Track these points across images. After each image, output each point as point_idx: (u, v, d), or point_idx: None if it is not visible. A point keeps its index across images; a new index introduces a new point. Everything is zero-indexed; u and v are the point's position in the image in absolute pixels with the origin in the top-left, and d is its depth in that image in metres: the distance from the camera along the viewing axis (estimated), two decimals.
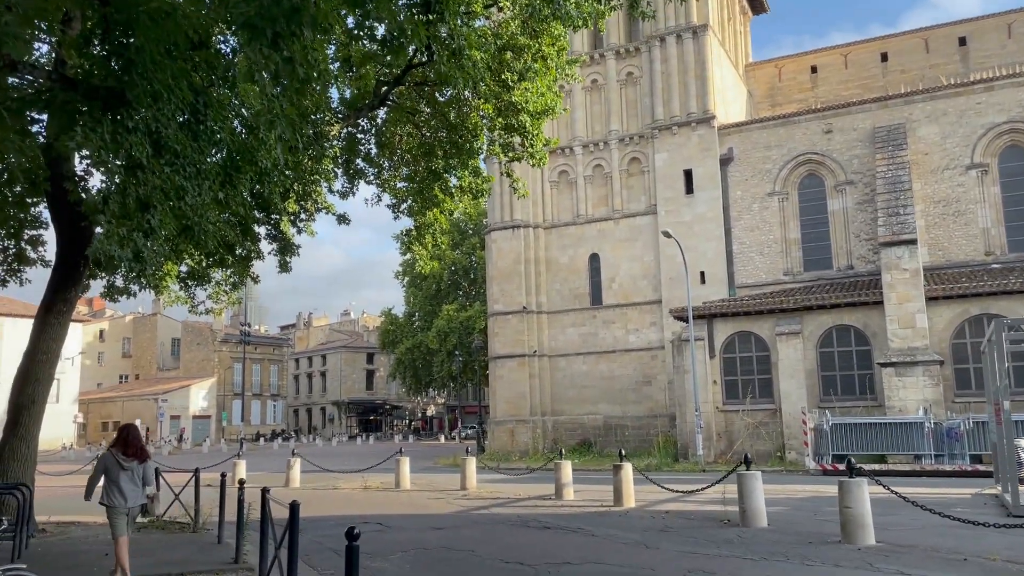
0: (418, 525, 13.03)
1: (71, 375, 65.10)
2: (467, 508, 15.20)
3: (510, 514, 14.16)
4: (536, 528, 12.04)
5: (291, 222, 17.07)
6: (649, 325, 37.15)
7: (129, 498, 8.70)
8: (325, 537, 11.82)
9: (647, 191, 38.05)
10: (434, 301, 77.02)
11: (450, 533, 12.12)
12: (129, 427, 9.13)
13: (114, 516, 8.70)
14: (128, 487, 8.68)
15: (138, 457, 8.83)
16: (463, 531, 12.28)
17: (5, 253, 13.97)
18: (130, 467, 8.72)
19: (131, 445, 8.83)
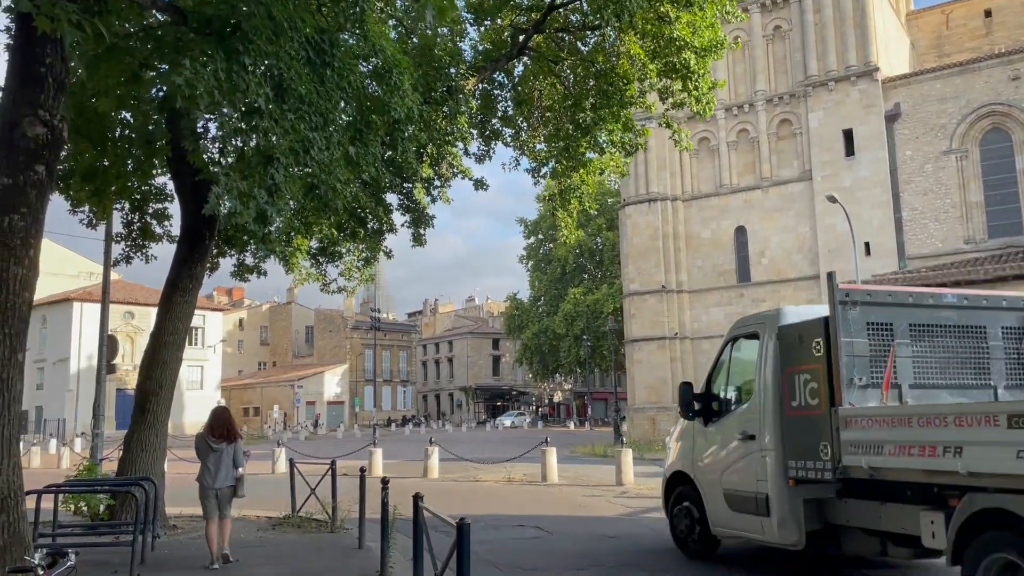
0: (584, 531, 11.14)
1: (213, 362, 67.71)
2: (634, 510, 13.19)
3: None
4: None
5: (425, 189, 15.51)
6: (805, 303, 33.74)
7: (218, 479, 8.92)
8: (479, 544, 10.08)
9: (799, 155, 34.60)
10: (559, 285, 75.33)
11: (626, 544, 10.14)
12: (219, 409, 9.54)
13: (204, 496, 8.96)
14: (217, 468, 8.94)
15: (227, 438, 9.09)
16: (642, 542, 10.26)
17: (129, 228, 13.05)
18: (219, 448, 8.98)
19: (218, 427, 9.11)
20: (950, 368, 7.82)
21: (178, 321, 12.15)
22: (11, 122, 5.80)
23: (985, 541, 6.09)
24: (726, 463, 8.88)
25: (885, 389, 7.40)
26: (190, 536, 11.13)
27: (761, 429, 8.30)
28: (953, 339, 7.88)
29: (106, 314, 14.63)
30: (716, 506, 8.92)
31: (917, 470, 6.54)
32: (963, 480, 6.12)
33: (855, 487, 7.46)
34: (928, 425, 6.47)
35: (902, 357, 7.56)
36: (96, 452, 14.46)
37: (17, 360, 5.78)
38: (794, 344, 8.08)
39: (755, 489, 8.20)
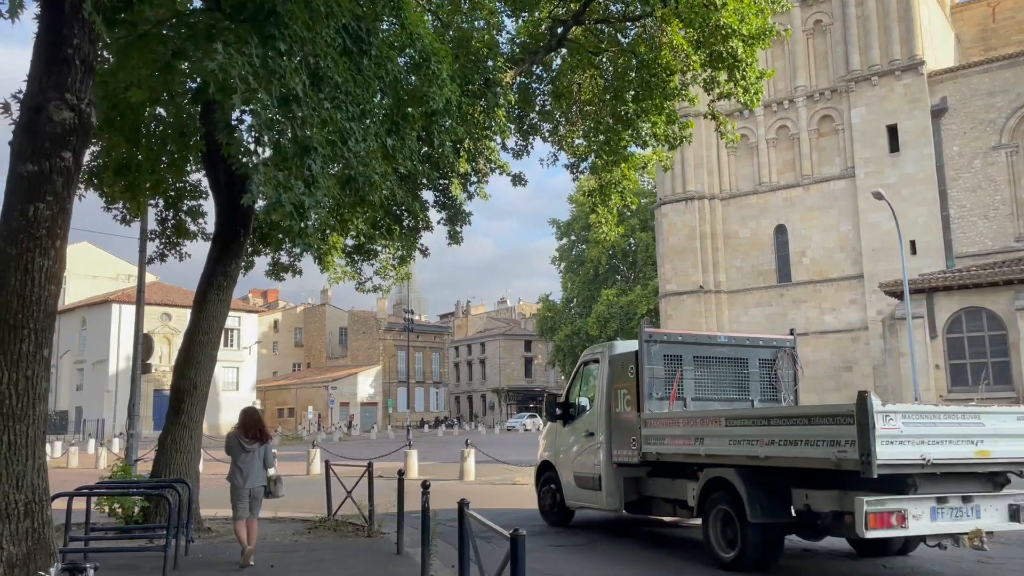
0: (631, 538, 10.67)
1: (249, 363, 68.16)
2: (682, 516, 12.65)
3: None
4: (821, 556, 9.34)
5: (461, 185, 15.16)
6: (848, 303, 32.94)
7: (249, 479, 8.89)
8: None
9: (842, 152, 33.75)
10: (592, 286, 74.68)
11: (678, 554, 9.66)
12: (250, 410, 9.47)
13: (235, 496, 8.91)
14: (249, 468, 8.91)
15: (259, 439, 9.07)
16: (692, 552, 9.76)
17: (164, 225, 12.86)
18: (251, 448, 8.95)
19: (250, 427, 9.07)
20: (721, 387, 11.13)
21: (212, 319, 11.92)
22: (36, 106, 5.51)
23: (713, 499, 9.00)
24: (576, 453, 11.82)
25: (672, 401, 10.61)
26: (225, 539, 10.86)
27: (598, 428, 11.33)
28: (724, 367, 11.24)
29: (141, 312, 14.49)
30: (569, 485, 11.84)
31: (682, 454, 9.70)
32: (703, 460, 9.24)
33: (658, 469, 10.42)
34: (686, 424, 9.78)
35: (687, 379, 10.85)
36: (131, 453, 14.31)
37: (43, 356, 5.49)
38: (618, 368, 11.24)
39: (592, 472, 11.18)
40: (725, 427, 8.93)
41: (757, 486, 8.45)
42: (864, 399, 7.29)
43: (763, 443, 8.34)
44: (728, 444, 8.80)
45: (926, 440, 7.47)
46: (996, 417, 8.08)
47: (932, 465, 7.36)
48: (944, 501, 7.65)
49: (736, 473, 8.62)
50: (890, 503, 7.41)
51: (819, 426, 7.90)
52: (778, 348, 11.67)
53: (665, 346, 10.89)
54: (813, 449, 7.76)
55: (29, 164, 5.44)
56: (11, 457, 5.17)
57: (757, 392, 11.24)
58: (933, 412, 8.18)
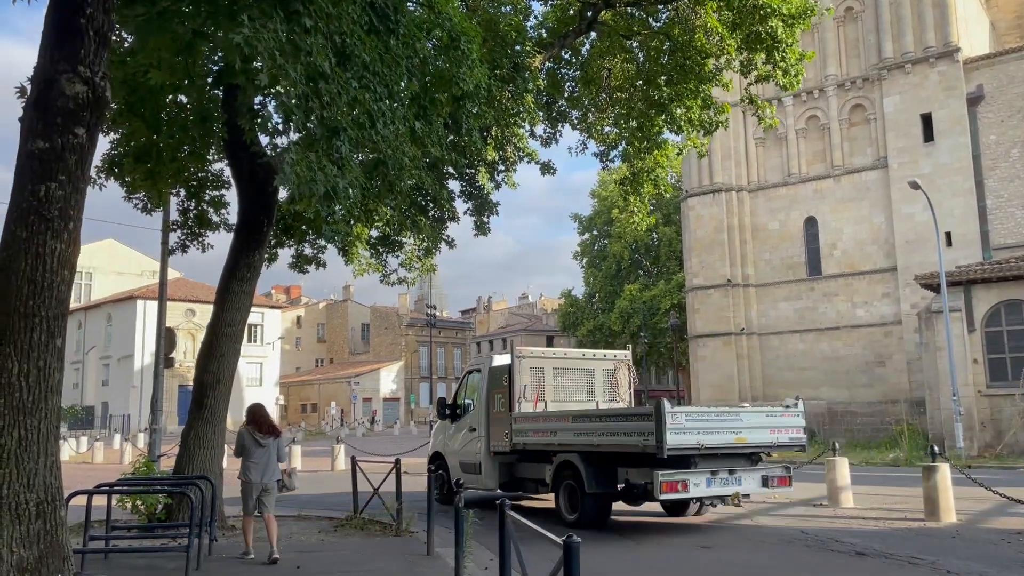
0: (674, 541, 10.15)
1: (272, 359, 68.26)
2: (722, 515, 12.15)
3: (785, 527, 10.89)
4: (845, 554, 8.80)
5: (489, 174, 14.75)
6: (881, 297, 32.13)
7: (265, 474, 8.96)
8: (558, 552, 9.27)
9: (874, 142, 32.90)
10: (615, 281, 73.93)
11: (724, 556, 9.15)
12: (258, 406, 9.47)
13: (248, 492, 8.91)
14: (265, 463, 8.97)
15: (272, 433, 9.14)
16: (740, 554, 9.23)
17: (186, 215, 12.56)
18: (266, 443, 9.01)
19: (263, 423, 9.12)
20: (574, 392, 13.97)
21: (235, 312, 11.60)
22: (48, 80, 5.16)
23: (562, 476, 11.64)
24: (461, 444, 14.38)
25: (535, 403, 13.29)
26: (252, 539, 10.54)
27: (479, 425, 13.85)
28: (576, 376, 14.11)
29: (163, 305, 14.21)
30: (455, 470, 14.18)
31: (541, 444, 12.28)
32: (556, 448, 11.85)
33: (524, 455, 12.88)
34: (544, 421, 12.46)
35: (548, 386, 13.68)
36: (154, 448, 14.05)
37: (55, 346, 5.14)
38: (496, 378, 13.82)
39: (475, 459, 13.56)
40: (572, 423, 11.84)
41: (593, 466, 11.22)
42: (659, 404, 10.06)
43: (597, 435, 11.23)
44: (573, 436, 11.63)
45: (701, 431, 10.36)
46: (750, 414, 11.63)
47: (705, 449, 10.31)
48: (716, 473, 10.52)
49: (579, 457, 11.38)
50: (677, 475, 10.18)
51: (633, 422, 10.70)
52: (617, 360, 14.59)
53: (531, 360, 13.75)
54: (629, 439, 10.58)
55: (40, 141, 5.09)
56: (22, 454, 4.83)
57: (602, 395, 14.13)
58: (706, 411, 11.46)
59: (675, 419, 10.01)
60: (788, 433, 10.98)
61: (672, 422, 9.93)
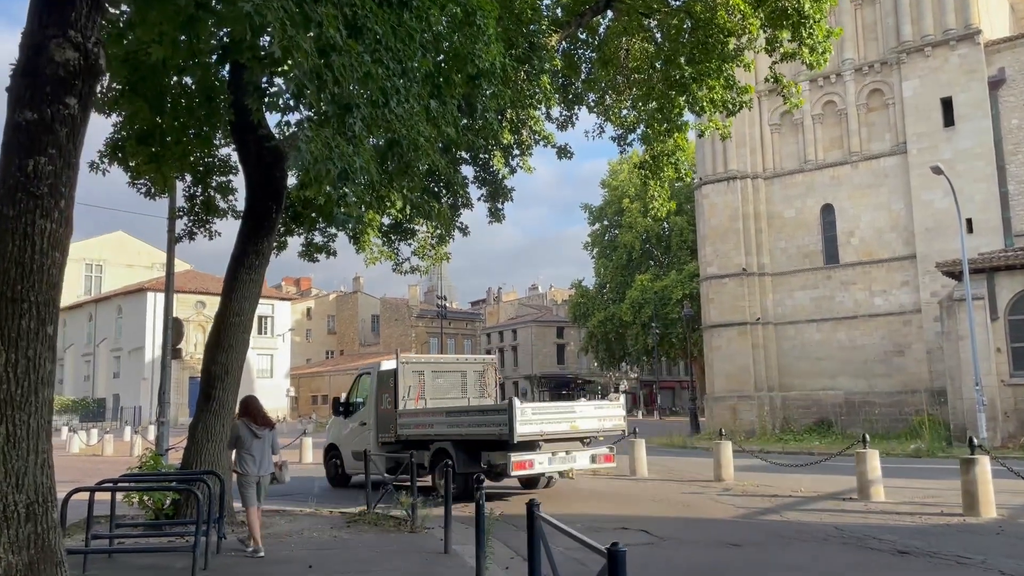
0: (699, 538, 9.74)
1: (283, 350, 68.16)
2: (749, 511, 11.71)
3: (818, 523, 10.42)
4: (886, 553, 8.35)
5: (504, 159, 14.29)
6: (900, 285, 31.51)
7: (262, 467, 8.91)
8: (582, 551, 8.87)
9: (892, 127, 32.21)
10: (626, 271, 73.35)
11: (755, 555, 8.69)
12: (252, 397, 9.39)
13: (246, 486, 8.81)
14: (260, 455, 8.89)
15: (267, 425, 9.11)
16: (774, 553, 8.75)
17: (192, 201, 12.17)
18: (262, 435, 8.97)
19: (258, 414, 9.05)
20: (449, 391, 16.37)
21: (244, 301, 11.22)
22: (36, 46, 4.75)
23: (438, 460, 13.78)
24: (353, 436, 16.32)
25: (416, 400, 15.63)
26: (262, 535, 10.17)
27: (369, 420, 16.04)
28: (452, 378, 16.65)
29: (170, 294, 13.85)
30: (348, 459, 16.14)
31: (421, 434, 14.59)
32: (433, 437, 14.16)
33: (407, 445, 14.43)
34: (424, 416, 14.90)
35: (428, 386, 16.03)
36: (162, 441, 13.71)
37: (46, 334, 4.74)
38: (383, 380, 16.07)
39: (364, 448, 13.61)
40: (446, 417, 14.34)
41: (462, 451, 13.57)
42: (511, 402, 12.66)
43: (465, 426, 13.73)
44: (447, 427, 14.10)
45: (544, 422, 12.98)
46: (582, 407, 14.50)
47: (547, 435, 12.91)
48: (556, 453, 13.11)
49: (451, 444, 13.74)
50: (525, 456, 12.59)
51: (492, 416, 13.26)
52: (485, 364, 17.50)
53: (413, 365, 16.46)
54: (489, 429, 13.05)
55: (28, 112, 4.68)
56: (10, 451, 4.45)
57: (473, 393, 16.59)
58: (547, 406, 15.22)
59: (523, 413, 12.67)
60: (611, 421, 14.22)
61: (520, 416, 12.53)
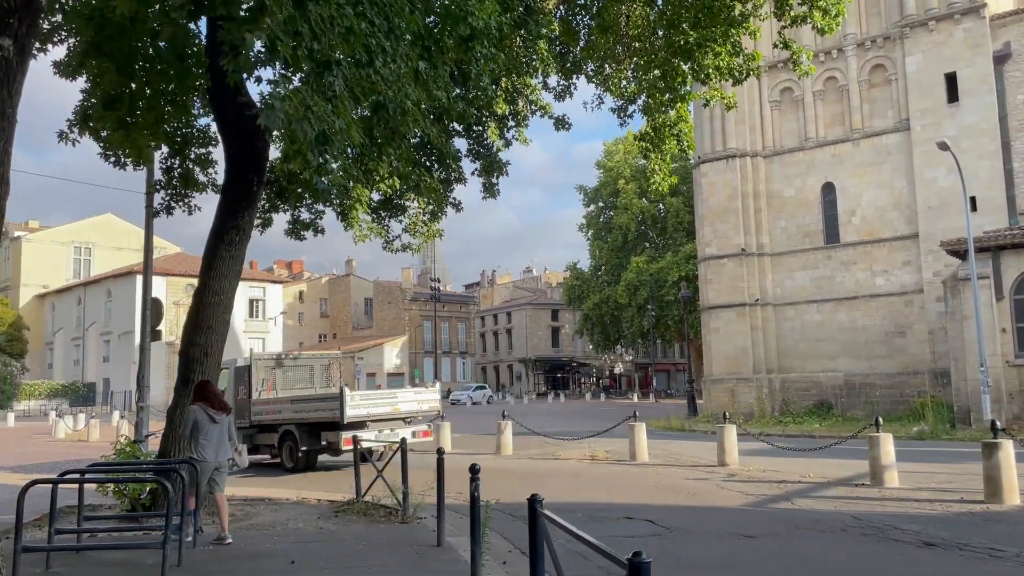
0: (709, 528, 9.16)
1: (275, 334, 67.49)
2: (758, 498, 11.16)
3: (833, 512, 9.84)
4: (910, 544, 7.80)
5: (498, 131, 13.61)
6: (901, 265, 30.99)
7: (219, 452, 8.63)
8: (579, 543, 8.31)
9: (895, 104, 31.56)
10: (621, 253, 72.82)
11: (771, 548, 8.11)
12: (207, 381, 9.21)
13: (203, 472, 8.46)
14: (219, 441, 8.63)
15: (224, 410, 8.83)
16: (791, 544, 8.13)
17: (169, 174, 11.49)
18: (220, 420, 8.70)
19: (215, 399, 8.81)
20: (299, 383, 19.00)
21: (224, 279, 10.58)
22: None
23: (285, 440, 16.84)
24: None
25: (268, 391, 18.19)
26: (243, 525, 9.62)
27: None
28: (301, 372, 19.44)
29: (149, 273, 13.18)
30: None
31: (271, 419, 17.24)
32: (281, 421, 16.91)
33: (261, 428, 17.47)
34: (274, 404, 17.55)
35: (279, 379, 18.66)
36: (141, 427, 13.09)
37: None
38: (240, 374, 18.24)
39: None
40: (291, 404, 16.94)
41: (305, 432, 16.27)
42: (342, 390, 15.47)
43: (306, 411, 16.40)
44: (292, 413, 16.68)
45: (370, 406, 15.98)
46: (403, 392, 17.88)
47: (372, 417, 15.82)
48: (381, 431, 15.52)
49: (295, 427, 16.45)
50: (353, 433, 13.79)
51: (328, 402, 15.91)
52: (331, 359, 20.48)
53: (266, 361, 18.96)
54: (327, 412, 15.71)
55: None
56: None
57: (320, 384, 19.22)
58: (373, 393, 18.69)
59: (352, 399, 15.48)
60: (428, 404, 17.28)
61: (350, 401, 15.32)
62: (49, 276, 73.78)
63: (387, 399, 16.80)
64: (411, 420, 16.65)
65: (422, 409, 17.00)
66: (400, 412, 16.33)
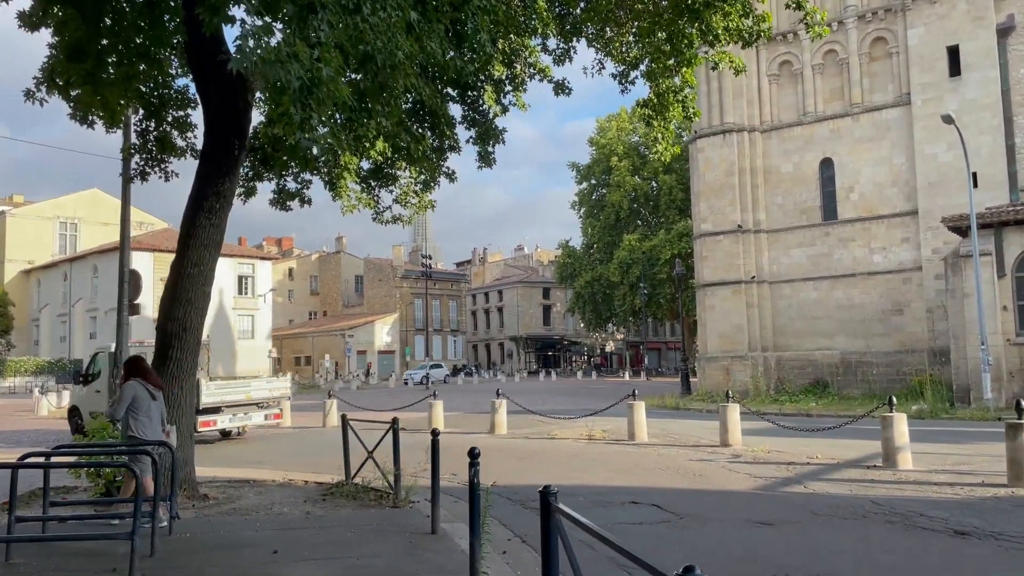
0: (721, 514, 8.60)
1: (264, 311, 66.71)
2: (767, 481, 10.64)
3: (850, 496, 9.30)
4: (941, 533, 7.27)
5: (495, 96, 12.93)
6: (900, 242, 30.55)
7: (156, 429, 8.15)
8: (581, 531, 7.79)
9: (895, 77, 30.95)
10: (613, 231, 72.31)
11: (793, 537, 7.53)
12: (139, 357, 8.64)
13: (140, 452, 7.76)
14: (157, 418, 8.20)
15: (159, 386, 8.43)
16: (813, 534, 7.57)
17: (145, 137, 10.80)
18: (158, 396, 8.26)
19: (152, 374, 8.42)
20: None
21: (203, 249, 9.95)
22: None
23: None
24: (90, 400, 18.41)
25: None
26: (225, 510, 9.07)
27: (103, 388, 17.66)
28: None
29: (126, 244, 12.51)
30: (87, 417, 17.43)
31: None
32: None
33: None
34: None
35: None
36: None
37: None
38: (114, 359, 16.12)
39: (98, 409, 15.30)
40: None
41: None
42: (198, 381, 15.00)
43: None
44: None
45: (224, 393, 17.75)
46: (256, 381, 20.09)
47: (227, 402, 17.52)
48: (235, 415, 17.68)
49: None
50: (209, 417, 16.65)
51: None
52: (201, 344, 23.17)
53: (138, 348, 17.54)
54: None
55: None
56: None
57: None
58: (228, 380, 20.65)
59: (207, 387, 16.91)
60: (279, 391, 19.79)
61: (205, 389, 16.58)
62: (34, 252, 72.71)
63: (241, 387, 18.76)
64: (263, 404, 18.76)
65: (273, 395, 19.34)
66: (252, 399, 18.41)
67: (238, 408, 17.88)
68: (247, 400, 18.20)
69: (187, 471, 9.68)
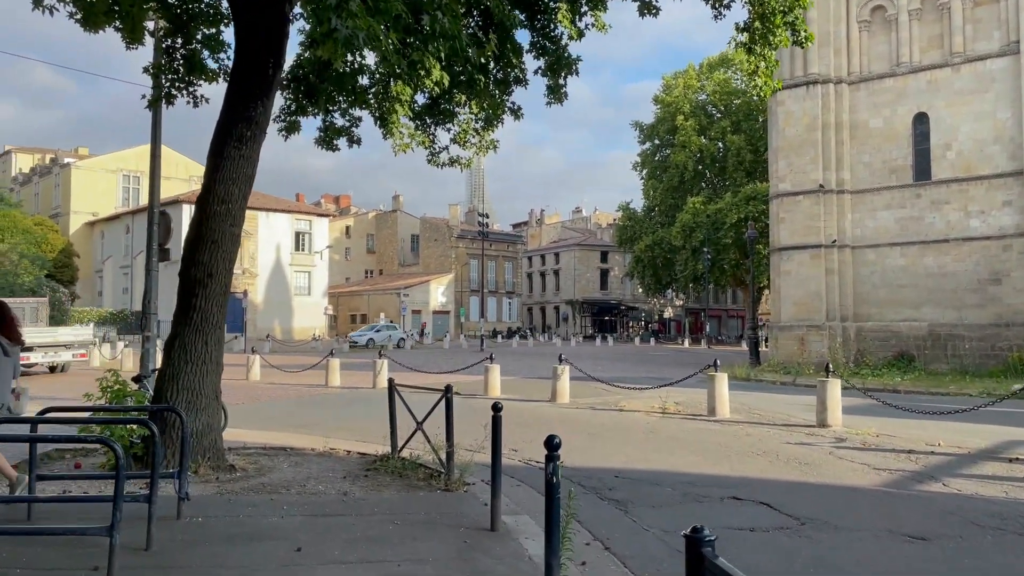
0: (852, 520, 6.83)
1: (321, 268, 66.46)
2: (891, 474, 8.87)
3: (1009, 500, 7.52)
4: None
5: (570, 16, 11.21)
6: (1001, 205, 27.84)
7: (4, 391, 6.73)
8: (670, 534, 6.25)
9: (1003, 23, 27.95)
10: (676, 194, 69.81)
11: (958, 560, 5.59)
12: (4, 304, 7.05)
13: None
14: (8, 377, 6.82)
15: (19, 341, 7.05)
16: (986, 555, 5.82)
17: (171, 55, 9.45)
18: (13, 353, 6.91)
19: (13, 326, 6.91)
20: None
21: (231, 183, 8.60)
22: None
23: None
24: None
25: None
26: (252, 485, 7.82)
27: None
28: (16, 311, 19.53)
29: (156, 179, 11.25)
30: None
31: None
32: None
33: None
34: None
35: None
36: (146, 360, 11.36)
37: None
38: None
39: None
40: None
41: None
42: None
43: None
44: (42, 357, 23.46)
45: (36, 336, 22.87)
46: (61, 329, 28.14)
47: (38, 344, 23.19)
48: (46, 353, 23.75)
49: None
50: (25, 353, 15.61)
51: None
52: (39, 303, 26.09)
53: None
54: None
55: None
56: None
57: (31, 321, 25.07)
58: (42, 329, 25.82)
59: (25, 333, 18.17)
60: (83, 336, 25.75)
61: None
62: (98, 203, 73.66)
63: (49, 333, 25.23)
64: (70, 346, 24.84)
65: (78, 339, 25.78)
66: (60, 341, 24.71)
67: (48, 349, 23.74)
68: (55, 342, 24.39)
69: (212, 437, 8.47)
